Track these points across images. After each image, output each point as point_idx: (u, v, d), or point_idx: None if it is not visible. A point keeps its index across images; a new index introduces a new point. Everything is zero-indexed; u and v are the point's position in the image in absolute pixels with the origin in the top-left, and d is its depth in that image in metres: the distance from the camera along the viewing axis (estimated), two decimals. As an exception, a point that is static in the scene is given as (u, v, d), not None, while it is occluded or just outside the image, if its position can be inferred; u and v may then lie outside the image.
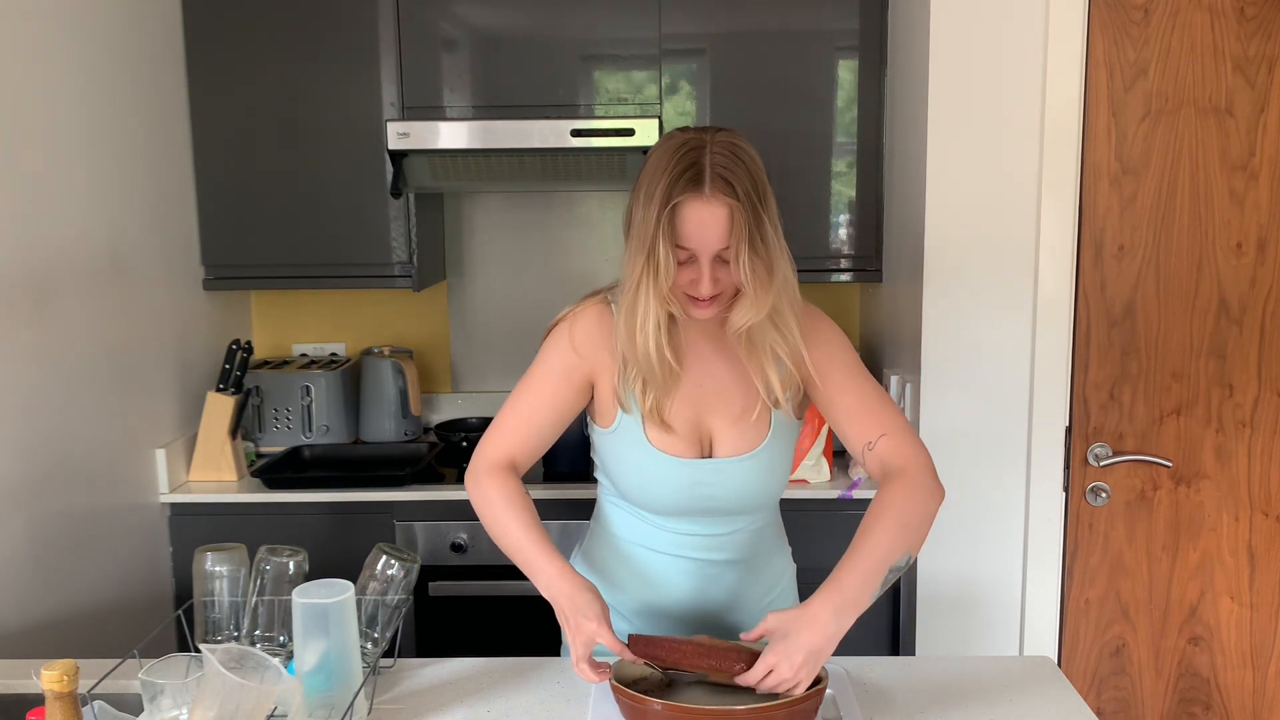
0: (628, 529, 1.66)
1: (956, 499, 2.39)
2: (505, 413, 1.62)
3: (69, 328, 2.18)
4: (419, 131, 2.62)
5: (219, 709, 1.22)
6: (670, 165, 1.43)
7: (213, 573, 1.56)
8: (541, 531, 1.53)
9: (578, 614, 1.43)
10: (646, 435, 1.57)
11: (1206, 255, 2.33)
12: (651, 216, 1.43)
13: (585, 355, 1.59)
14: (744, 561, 1.66)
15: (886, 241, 2.71)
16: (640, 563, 1.66)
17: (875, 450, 1.56)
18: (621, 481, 1.63)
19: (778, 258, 1.47)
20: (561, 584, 1.47)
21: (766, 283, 1.45)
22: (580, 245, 3.10)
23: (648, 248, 1.43)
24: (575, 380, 1.60)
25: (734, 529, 1.64)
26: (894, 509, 1.48)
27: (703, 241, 1.43)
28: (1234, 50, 2.27)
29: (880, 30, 2.66)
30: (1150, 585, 2.44)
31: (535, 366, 1.62)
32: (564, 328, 1.60)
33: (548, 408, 1.60)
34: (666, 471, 1.58)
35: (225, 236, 2.77)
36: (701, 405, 1.58)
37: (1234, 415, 2.38)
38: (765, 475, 1.61)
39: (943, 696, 1.51)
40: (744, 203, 1.42)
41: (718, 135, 1.46)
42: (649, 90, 2.69)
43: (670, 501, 1.60)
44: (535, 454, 1.63)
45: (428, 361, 3.17)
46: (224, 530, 2.52)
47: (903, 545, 1.45)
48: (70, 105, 2.21)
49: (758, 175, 1.46)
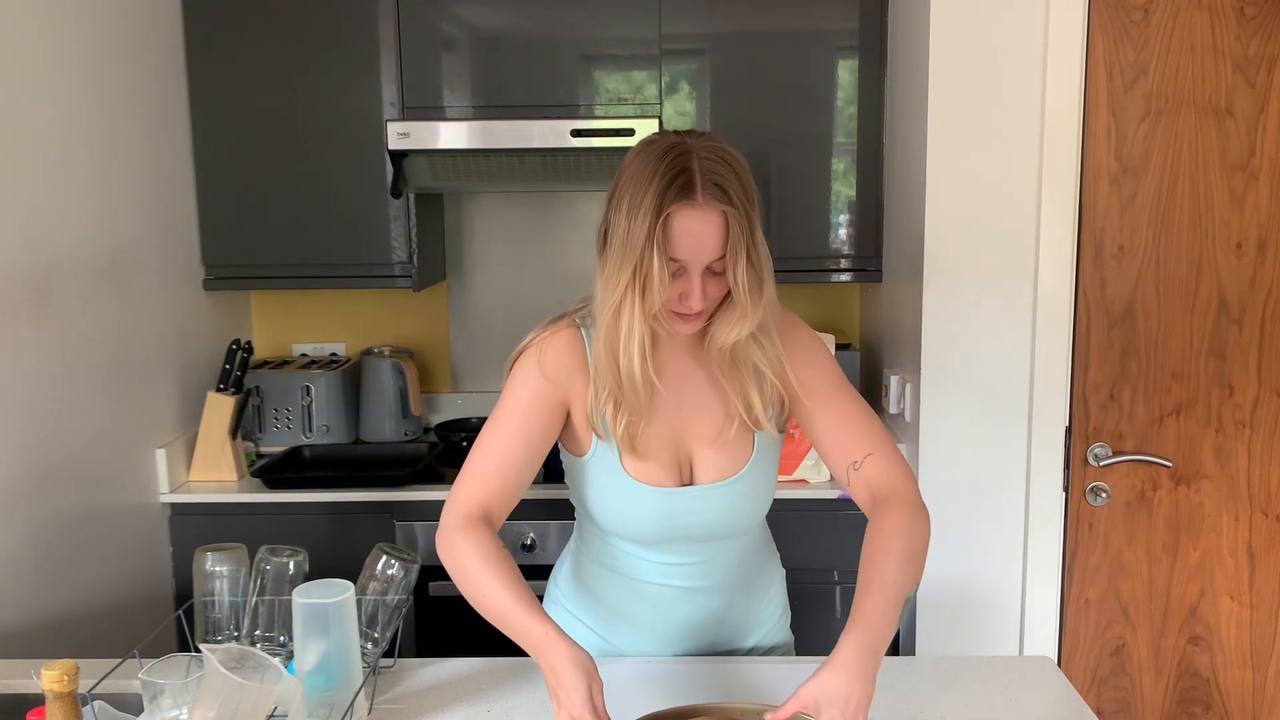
0: (608, 556, 1.59)
1: (957, 499, 2.39)
2: (474, 457, 1.48)
3: (69, 327, 2.18)
4: (419, 131, 2.62)
5: (219, 709, 1.22)
6: (657, 172, 1.33)
7: (213, 573, 1.56)
8: (525, 591, 1.35)
9: (565, 691, 1.25)
10: (623, 464, 1.48)
11: (1206, 255, 2.33)
12: (640, 228, 1.32)
13: (556, 381, 1.47)
14: (732, 584, 1.59)
15: (886, 241, 2.71)
16: (621, 588, 1.59)
17: (861, 471, 1.47)
18: (597, 512, 1.54)
19: (766, 268, 1.38)
20: (551, 655, 1.27)
21: (758, 294, 1.37)
22: (580, 245, 3.10)
23: (635, 262, 1.33)
24: (548, 409, 1.47)
25: (717, 555, 1.56)
26: (901, 538, 1.38)
27: (696, 253, 1.34)
28: (1234, 50, 2.27)
29: (880, 30, 2.66)
30: (1150, 585, 2.44)
31: (502, 401, 1.49)
32: (532, 354, 1.49)
33: (521, 441, 1.46)
34: (643, 502, 1.49)
35: (225, 236, 2.77)
36: (680, 428, 1.49)
37: (1234, 415, 2.38)
38: (748, 500, 1.53)
39: (943, 696, 1.51)
40: (739, 209, 1.33)
41: (701, 139, 1.37)
42: (649, 90, 2.69)
43: (648, 532, 1.52)
44: (512, 497, 1.47)
45: (428, 361, 3.18)
46: (224, 530, 2.52)
47: (915, 574, 1.38)
48: (70, 105, 2.21)
49: (747, 181, 1.37)
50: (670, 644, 1.61)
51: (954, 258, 2.32)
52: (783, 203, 2.71)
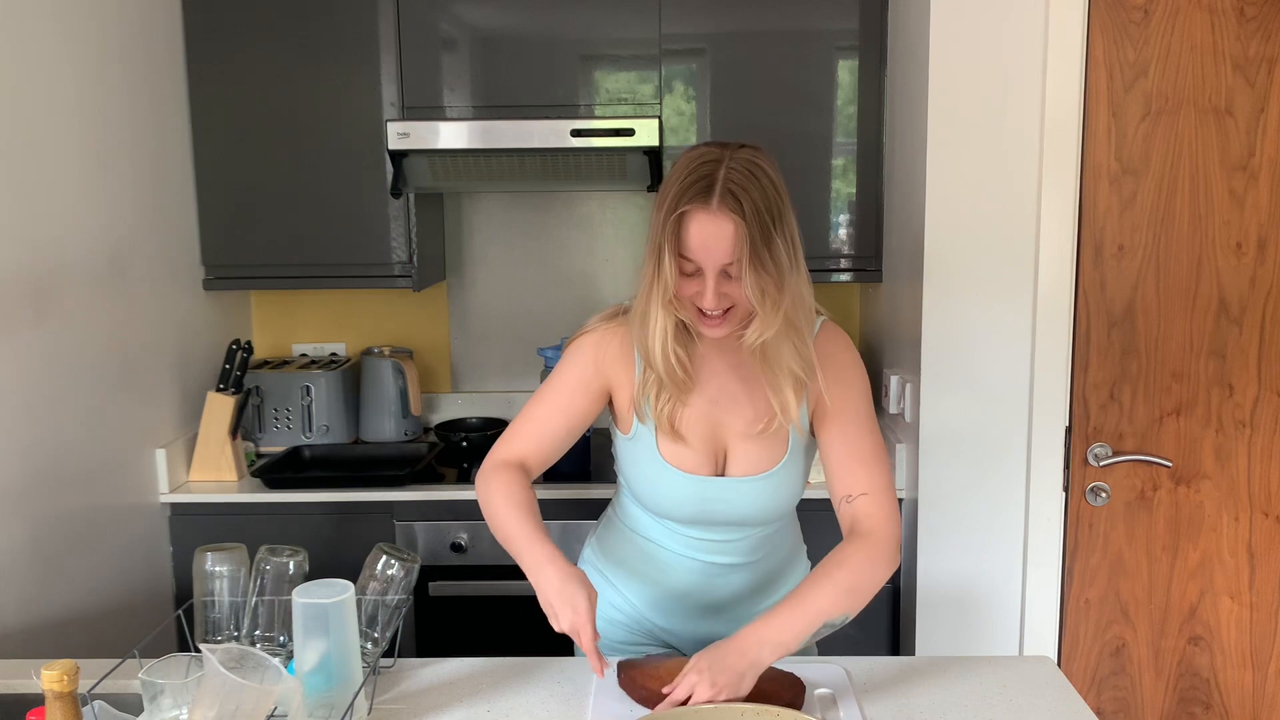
0: (640, 524, 1.70)
1: (956, 499, 2.40)
2: (519, 419, 1.65)
3: (69, 328, 2.19)
4: (419, 131, 2.62)
5: (219, 709, 1.22)
6: (685, 175, 1.44)
7: (213, 573, 1.56)
8: (537, 523, 1.53)
9: (562, 602, 1.43)
10: (660, 449, 1.59)
11: (1206, 255, 2.33)
12: (659, 223, 1.44)
13: (605, 372, 1.61)
14: (752, 564, 1.69)
15: (886, 241, 2.71)
16: (650, 555, 1.69)
17: (854, 505, 1.56)
18: (635, 487, 1.66)
19: (789, 275, 1.45)
20: (549, 570, 1.46)
21: (776, 300, 1.44)
22: (580, 245, 3.10)
23: (655, 254, 1.45)
24: (592, 392, 1.62)
25: (744, 535, 1.66)
26: (849, 571, 1.48)
27: (706, 255, 1.43)
28: (1234, 50, 2.27)
29: (880, 30, 2.66)
30: (1150, 585, 2.44)
31: (554, 376, 1.64)
32: (590, 342, 1.62)
33: (561, 418, 1.62)
34: (677, 486, 1.60)
35: (225, 236, 2.77)
36: (716, 420, 1.59)
37: (1234, 415, 2.38)
38: (776, 495, 1.62)
39: (943, 696, 1.52)
40: (750, 221, 1.40)
41: (739, 151, 1.46)
42: (649, 90, 2.70)
43: (680, 512, 1.63)
44: (547, 459, 1.64)
45: (428, 361, 3.18)
46: (224, 530, 2.52)
47: (846, 606, 1.46)
48: (70, 105, 2.21)
49: (772, 194, 1.44)
50: (689, 616, 1.70)
51: (954, 258, 2.32)
52: (783, 203, 2.70)
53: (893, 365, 2.66)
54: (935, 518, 2.40)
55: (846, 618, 1.47)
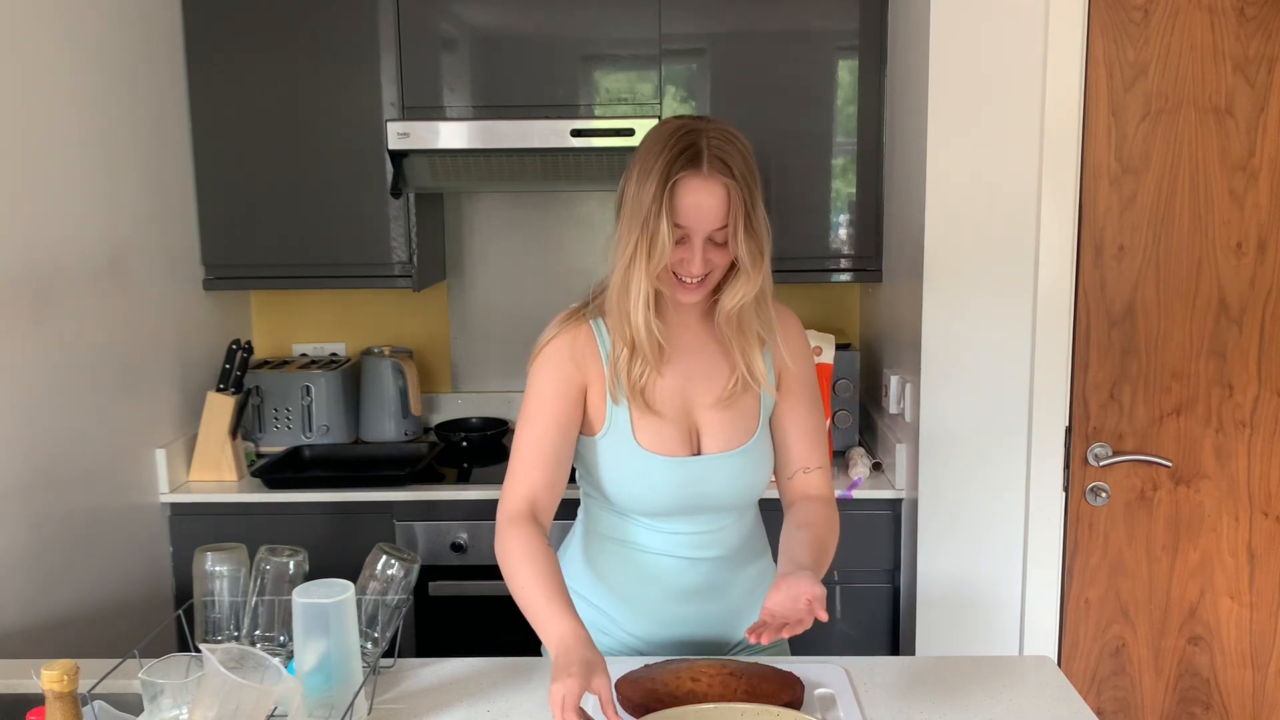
0: (617, 529, 1.67)
1: (956, 499, 2.39)
2: (515, 455, 1.58)
3: (69, 328, 2.18)
4: (419, 131, 2.62)
5: (219, 709, 1.22)
6: (668, 145, 1.47)
7: (213, 573, 1.56)
8: (558, 585, 1.44)
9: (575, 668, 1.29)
10: (636, 436, 1.59)
11: (1206, 255, 2.33)
12: (649, 193, 1.46)
13: (582, 366, 1.60)
14: (729, 556, 1.69)
15: (886, 241, 2.71)
16: (628, 560, 1.67)
17: (810, 477, 1.67)
18: (612, 488, 1.62)
19: (766, 240, 1.53)
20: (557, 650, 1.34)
21: (759, 262, 1.51)
22: (580, 245, 3.10)
23: (642, 223, 1.47)
24: (571, 394, 1.59)
25: (721, 525, 1.67)
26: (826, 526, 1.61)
27: (699, 220, 1.47)
28: (1234, 50, 2.27)
29: (880, 30, 2.66)
30: (1150, 585, 2.44)
31: (529, 396, 1.60)
32: (561, 344, 1.60)
33: (555, 430, 1.57)
34: (657, 473, 1.59)
35: (225, 236, 2.77)
36: (689, 395, 1.61)
37: (1234, 415, 2.38)
38: (753, 470, 1.65)
39: (943, 696, 1.52)
40: (740, 183, 1.47)
41: (711, 123, 1.51)
42: (649, 90, 2.69)
43: (662, 503, 1.62)
44: (556, 485, 1.57)
45: (428, 361, 3.18)
46: (224, 530, 2.52)
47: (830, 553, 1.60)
48: (70, 105, 2.21)
49: (749, 160, 1.51)
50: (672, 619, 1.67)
51: (954, 258, 2.32)
52: (782, 202, 2.71)
53: (893, 365, 2.66)
54: (935, 517, 2.40)
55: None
